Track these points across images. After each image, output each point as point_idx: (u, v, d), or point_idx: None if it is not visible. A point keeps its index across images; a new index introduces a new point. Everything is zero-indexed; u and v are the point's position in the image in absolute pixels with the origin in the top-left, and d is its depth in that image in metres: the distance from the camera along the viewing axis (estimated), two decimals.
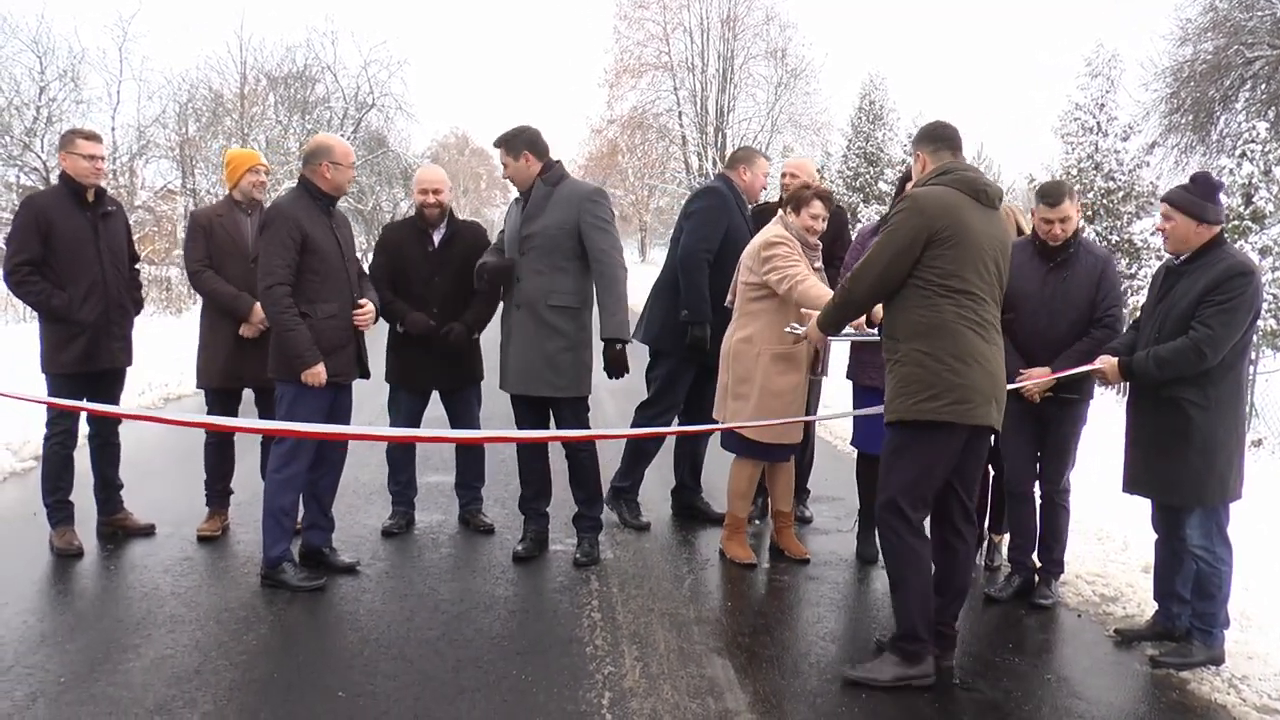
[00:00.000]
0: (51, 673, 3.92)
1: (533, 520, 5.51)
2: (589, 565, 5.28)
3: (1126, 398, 4.66)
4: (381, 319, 5.40)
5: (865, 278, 4.01)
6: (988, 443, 4.18)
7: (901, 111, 33.96)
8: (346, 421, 5.15)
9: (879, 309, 4.21)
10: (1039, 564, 5.03)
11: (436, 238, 5.65)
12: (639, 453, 6.10)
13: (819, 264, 5.36)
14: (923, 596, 4.01)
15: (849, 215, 28.59)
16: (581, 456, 5.36)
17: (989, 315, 3.96)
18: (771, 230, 5.25)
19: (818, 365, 5.48)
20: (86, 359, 5.32)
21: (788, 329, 5.09)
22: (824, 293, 4.84)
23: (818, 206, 5.28)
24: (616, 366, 5.20)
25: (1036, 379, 4.75)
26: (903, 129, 31.23)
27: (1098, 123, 23.09)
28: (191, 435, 6.24)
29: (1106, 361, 4.46)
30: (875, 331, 4.77)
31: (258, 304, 5.25)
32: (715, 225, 5.76)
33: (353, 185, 33.47)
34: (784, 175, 6.03)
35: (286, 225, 4.79)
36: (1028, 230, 5.29)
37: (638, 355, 5.65)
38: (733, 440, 5.41)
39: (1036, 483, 5.02)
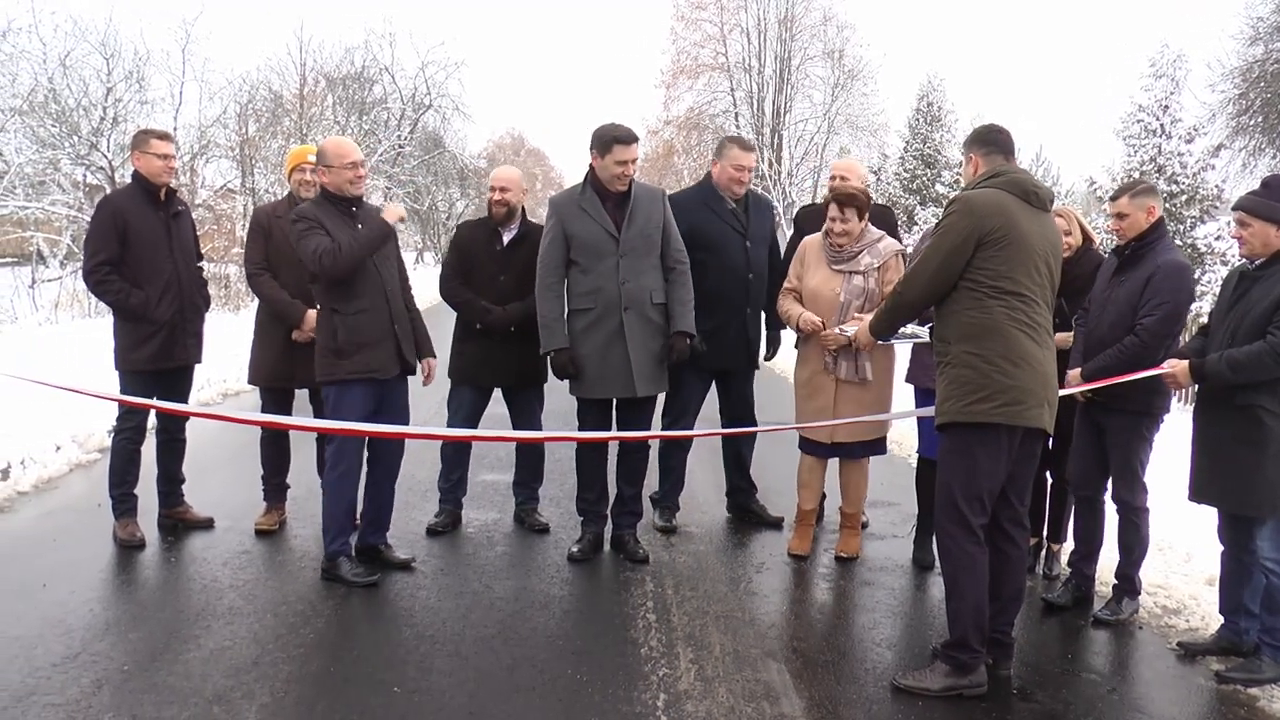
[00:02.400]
0: (115, 660, 3.99)
1: (592, 523, 5.50)
2: (643, 562, 5.30)
3: (1193, 405, 4.55)
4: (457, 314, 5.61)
5: (918, 280, 3.99)
6: (1040, 446, 4.12)
7: (960, 113, 33.36)
8: (402, 418, 5.17)
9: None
10: (1115, 580, 4.91)
11: (506, 237, 5.66)
12: (665, 468, 6.01)
13: (840, 266, 5.35)
14: (977, 605, 3.95)
15: (905, 217, 28.46)
16: (644, 453, 5.51)
17: (1040, 317, 3.91)
18: None
19: (840, 366, 5.38)
20: (162, 356, 5.41)
21: (836, 329, 5.10)
22: (788, 309, 5.45)
23: (832, 209, 5.34)
24: (683, 357, 5.30)
25: (1070, 379, 4.70)
26: (960, 131, 30.80)
27: (1161, 125, 22.65)
28: (249, 431, 6.32)
29: (1176, 364, 4.36)
30: (925, 332, 4.72)
31: (310, 312, 5.35)
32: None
33: (409, 184, 33.78)
34: (832, 177, 5.96)
35: (306, 224, 4.91)
36: (1092, 234, 5.20)
37: None
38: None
39: (1106, 493, 4.90)
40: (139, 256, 5.36)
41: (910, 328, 4.77)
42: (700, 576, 5.19)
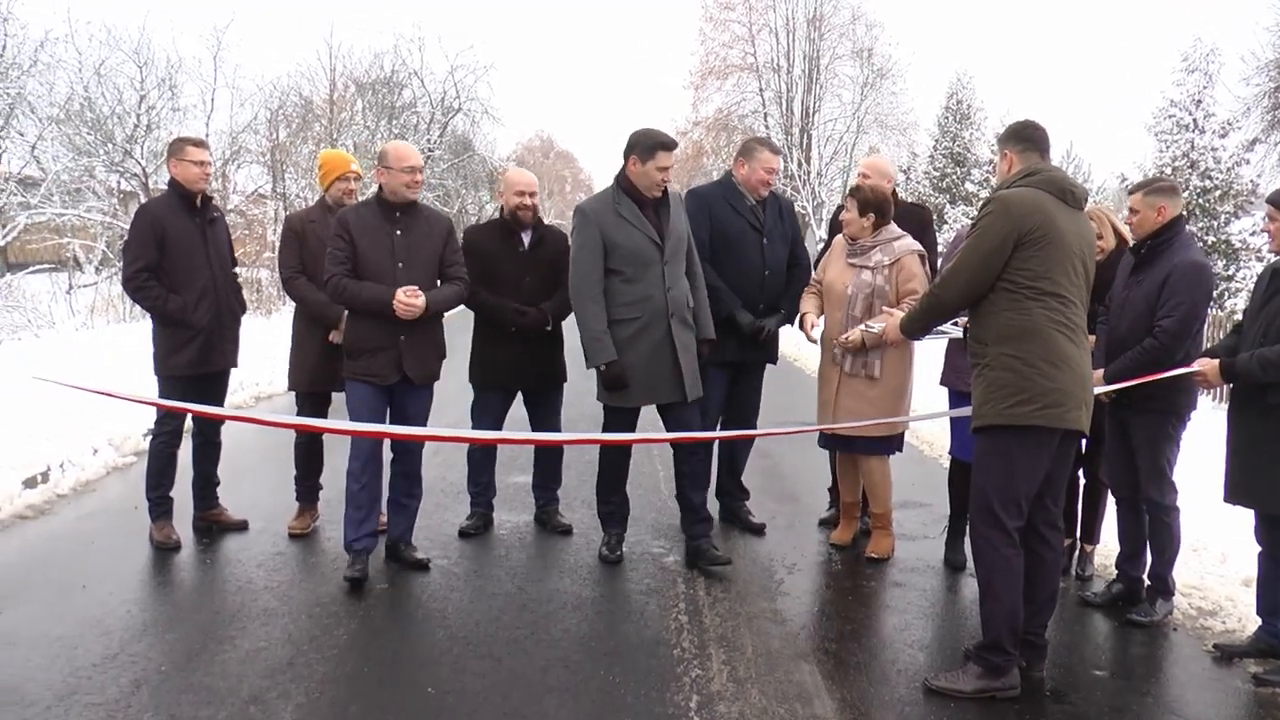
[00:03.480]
0: (153, 661, 4.04)
1: (616, 525, 5.46)
2: (726, 563, 5.25)
3: (1227, 404, 4.50)
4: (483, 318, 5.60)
5: (955, 282, 3.95)
6: (1075, 447, 4.09)
7: (989, 110, 33.29)
8: (420, 423, 5.20)
9: None
10: (1148, 580, 4.87)
11: (526, 240, 5.64)
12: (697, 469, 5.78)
13: (854, 260, 5.40)
14: (1012, 609, 3.92)
15: (935, 216, 28.30)
16: (707, 458, 5.51)
17: (1077, 318, 3.88)
18: None
19: (845, 359, 5.37)
20: (201, 361, 5.48)
21: (863, 327, 5.11)
22: (803, 308, 5.53)
23: (849, 203, 5.44)
24: (704, 362, 5.34)
25: (1094, 381, 4.66)
26: (990, 129, 30.61)
27: (1194, 119, 22.41)
28: (283, 434, 6.38)
29: (1206, 363, 4.32)
30: (958, 330, 4.70)
31: (346, 313, 5.31)
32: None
33: (439, 188, 33.89)
34: (860, 175, 5.95)
35: (336, 228, 5.00)
36: (1127, 236, 5.14)
37: None
38: None
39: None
40: (176, 263, 5.42)
41: (948, 325, 4.74)
42: (732, 578, 5.18)
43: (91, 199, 21.39)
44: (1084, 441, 5.24)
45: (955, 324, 4.73)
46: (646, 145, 5.02)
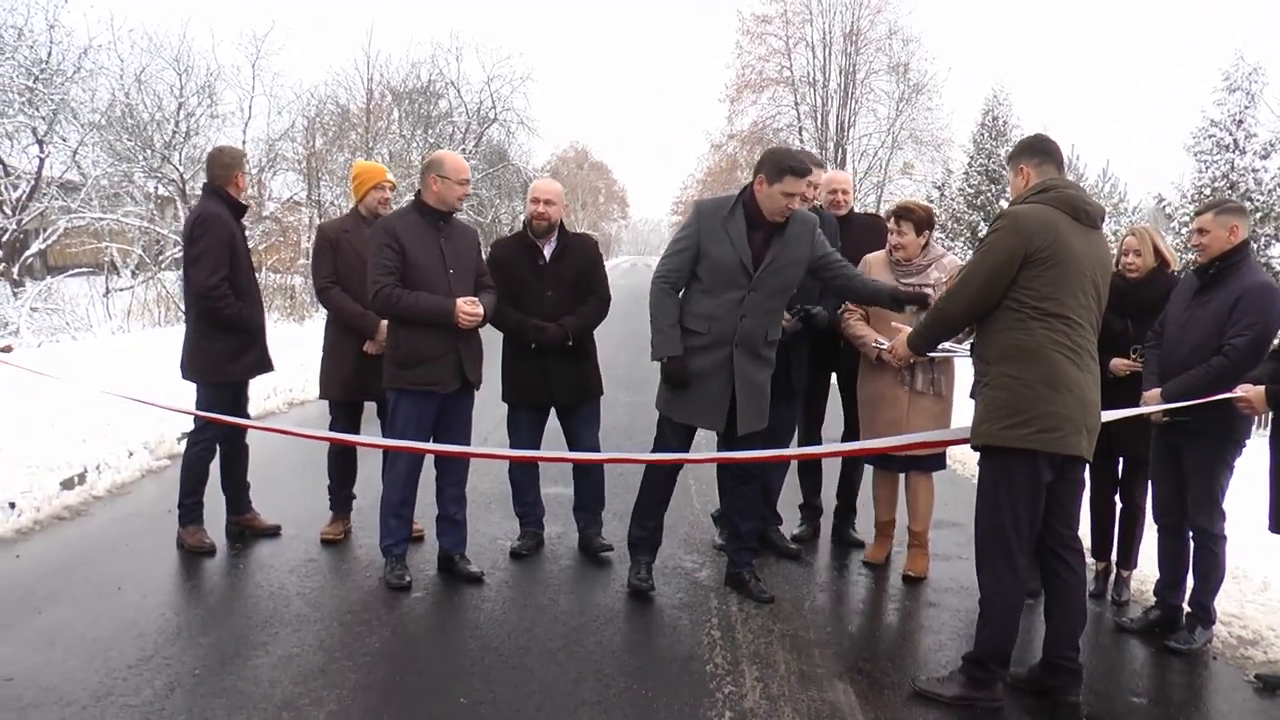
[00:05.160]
0: (187, 665, 4.06)
1: (645, 552, 5.20)
2: (769, 601, 5.04)
3: (1270, 430, 4.42)
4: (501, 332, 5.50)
5: (960, 297, 3.91)
6: (1082, 472, 4.04)
7: (1026, 127, 32.92)
8: (464, 431, 5.22)
9: None
10: (1188, 608, 4.79)
11: (547, 252, 5.50)
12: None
13: (910, 280, 5.31)
14: (1005, 629, 3.94)
15: (969, 233, 28.09)
16: (756, 486, 5.28)
17: (1084, 340, 3.82)
18: None
19: (916, 379, 5.32)
20: (257, 366, 5.64)
21: (874, 343, 5.06)
22: (856, 331, 5.37)
23: (891, 223, 5.44)
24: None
25: (1147, 400, 4.61)
26: None
27: (1234, 140, 22.14)
28: (313, 444, 6.39)
29: (1251, 390, 4.24)
30: (967, 348, 4.66)
31: (383, 323, 5.36)
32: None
33: (472, 198, 34.12)
34: (831, 191, 5.87)
35: (383, 237, 4.96)
36: (1170, 258, 5.08)
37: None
38: None
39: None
40: (239, 272, 5.52)
41: (949, 344, 4.69)
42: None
43: (129, 204, 21.65)
44: (1120, 466, 5.20)
45: (959, 342, 4.70)
46: (775, 167, 4.68)
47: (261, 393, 9.55)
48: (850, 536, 6.09)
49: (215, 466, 5.76)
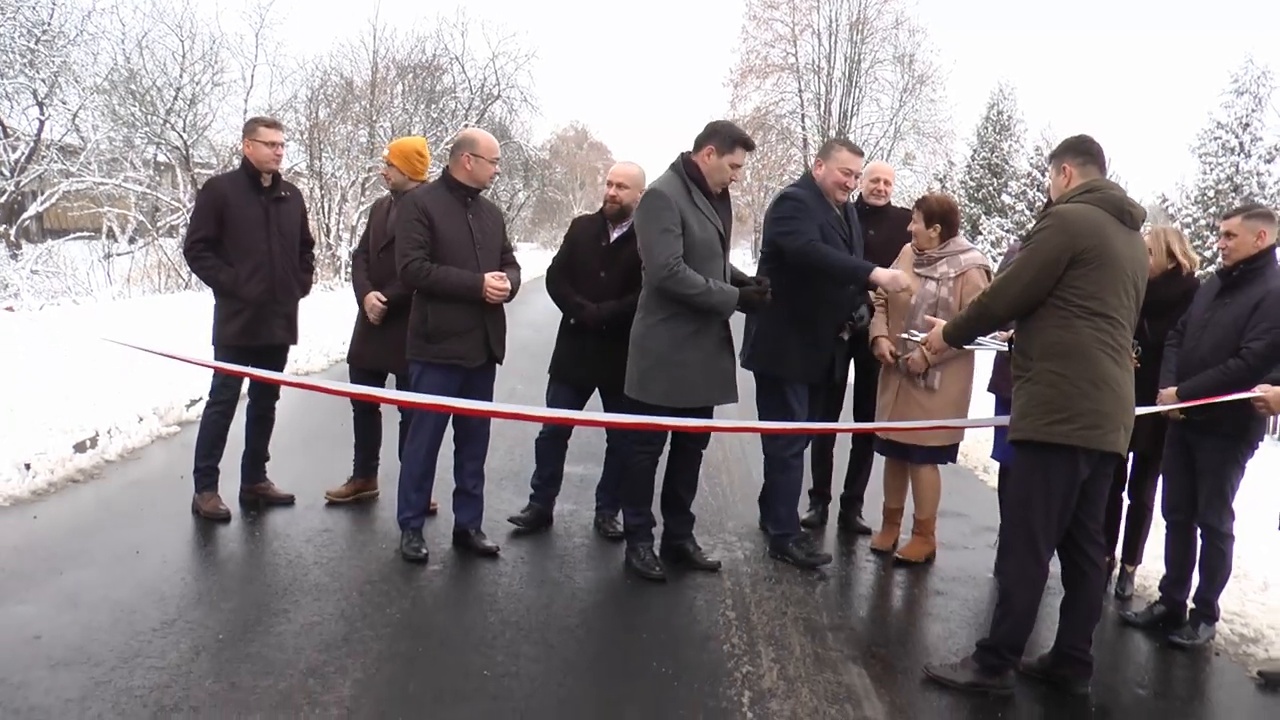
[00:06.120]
0: (210, 629, 4.09)
1: (646, 538, 5.21)
2: (715, 569, 5.22)
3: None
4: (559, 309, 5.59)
5: (1006, 294, 3.94)
6: (1113, 468, 4.10)
7: (1030, 123, 32.97)
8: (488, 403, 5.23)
9: None
10: (1192, 604, 4.86)
11: (615, 234, 5.50)
12: (787, 486, 5.56)
13: (921, 270, 5.40)
14: (1023, 620, 3.99)
15: (970, 226, 28.13)
16: (699, 460, 5.43)
17: (1124, 339, 3.87)
18: None
19: (905, 367, 5.41)
20: (247, 334, 5.53)
21: (904, 334, 5.11)
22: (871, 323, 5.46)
23: (915, 214, 5.51)
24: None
25: (1163, 399, 4.67)
26: (1030, 141, 30.45)
27: (1240, 143, 22.23)
28: (331, 413, 6.43)
29: (1270, 390, 4.30)
30: (1003, 344, 4.69)
31: (370, 295, 5.63)
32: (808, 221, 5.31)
33: None
34: (873, 180, 5.94)
35: (413, 212, 4.99)
36: (1187, 261, 5.11)
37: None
38: None
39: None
40: (234, 237, 5.51)
41: (986, 338, 4.72)
42: (777, 577, 5.20)
43: (129, 169, 21.57)
44: (1130, 462, 5.25)
45: (995, 338, 4.73)
46: (727, 138, 4.87)
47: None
48: (857, 524, 6.16)
49: (238, 435, 5.79)
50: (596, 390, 5.65)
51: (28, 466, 5.89)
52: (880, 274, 5.10)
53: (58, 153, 20.74)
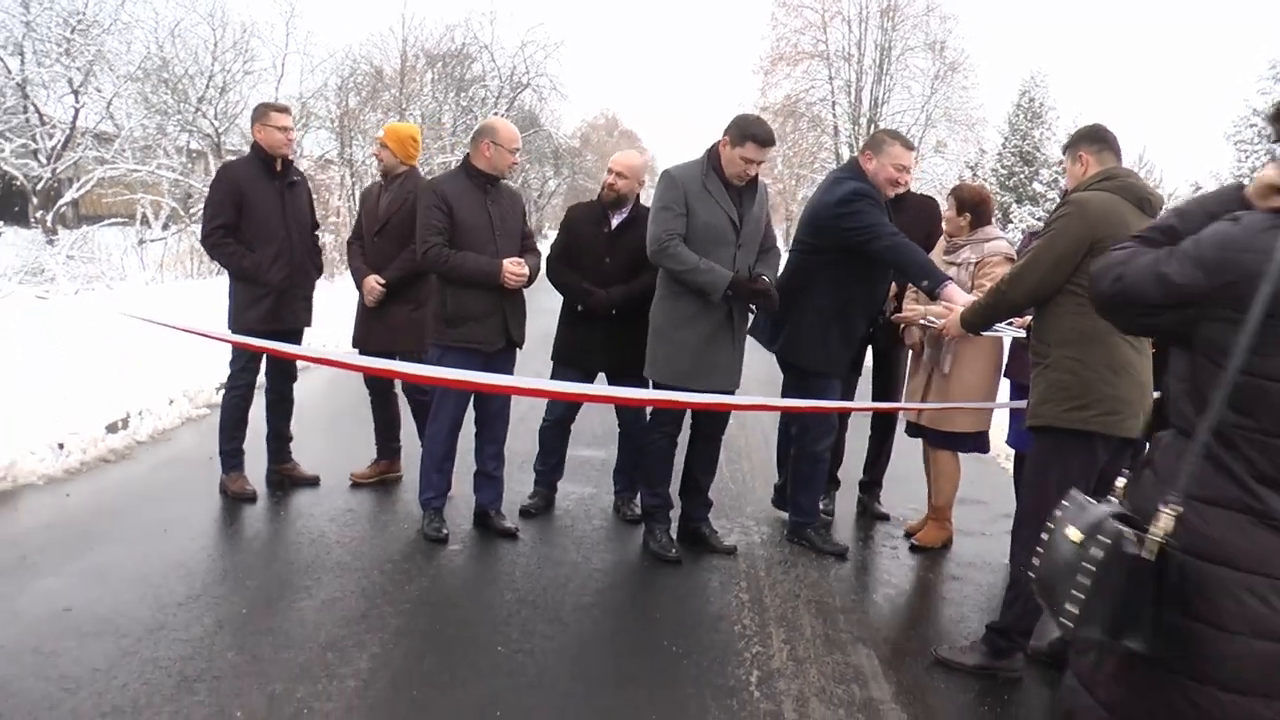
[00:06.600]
0: (234, 604, 4.21)
1: (664, 520, 5.29)
2: (731, 553, 5.29)
3: None
4: (559, 293, 5.62)
5: (1024, 281, 3.95)
6: (1129, 452, 4.10)
7: (1062, 110, 32.66)
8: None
9: None
10: None
11: (615, 220, 5.56)
12: (811, 477, 5.57)
13: (948, 257, 5.42)
14: (1035, 605, 3.96)
15: (1001, 214, 27.93)
16: (719, 443, 5.47)
17: None
18: None
19: (924, 350, 5.44)
20: (270, 318, 5.61)
21: (923, 320, 5.12)
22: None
23: (948, 200, 5.56)
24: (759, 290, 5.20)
25: None
26: (1062, 128, 30.17)
27: (1278, 130, 21.90)
28: (353, 395, 6.54)
29: None
30: (1020, 330, 4.70)
31: (368, 279, 5.73)
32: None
33: None
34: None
35: (432, 198, 5.06)
36: None
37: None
38: None
39: None
40: (253, 223, 5.58)
41: (1003, 325, 4.73)
42: (791, 561, 5.25)
43: (162, 157, 21.83)
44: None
45: (1011, 324, 4.74)
46: (738, 132, 4.87)
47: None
48: (876, 509, 6.19)
49: (259, 417, 5.91)
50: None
51: (61, 446, 6.04)
52: (954, 293, 4.77)
53: (93, 140, 21.05)
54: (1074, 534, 2.08)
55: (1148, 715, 2.08)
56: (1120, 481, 2.35)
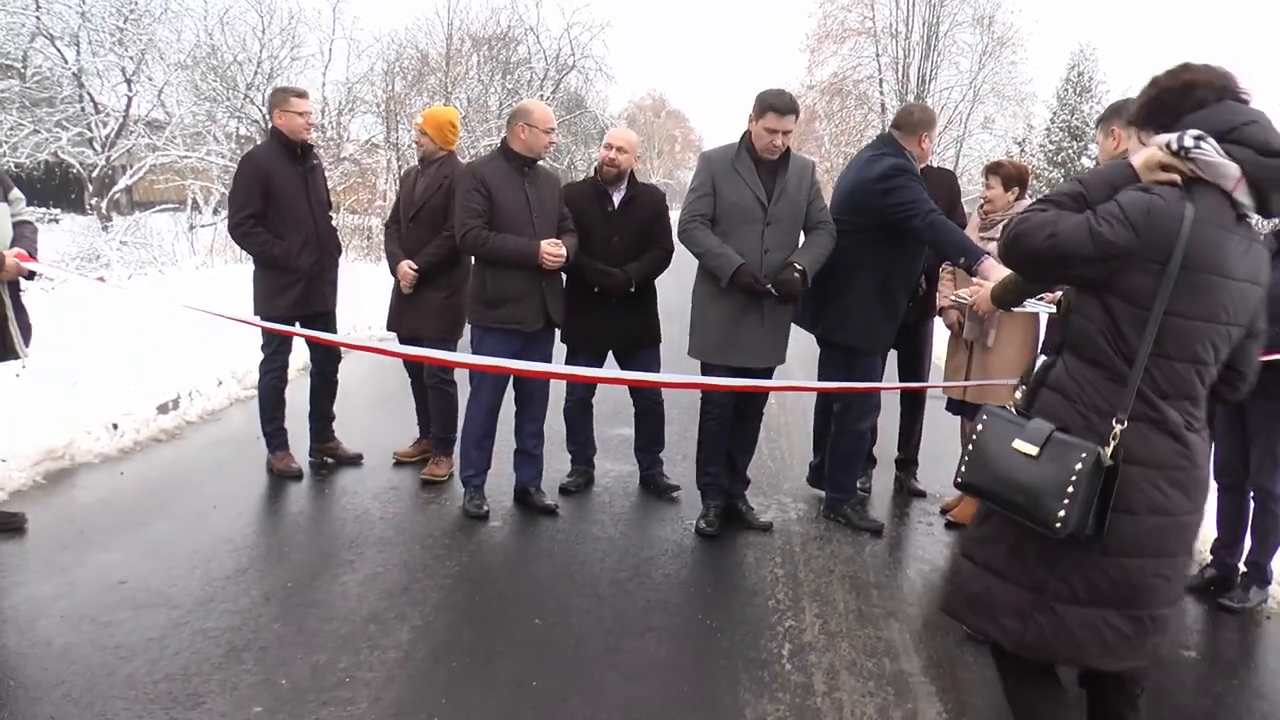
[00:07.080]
0: (280, 578, 4.34)
1: (715, 496, 5.37)
2: (767, 529, 5.35)
3: None
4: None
5: None
6: None
7: (1111, 84, 31.95)
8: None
9: None
10: (1243, 567, 4.84)
11: (616, 199, 5.59)
12: (852, 455, 5.61)
13: (984, 233, 5.39)
14: None
15: (1050, 189, 27.48)
16: (758, 422, 5.51)
17: None
18: None
19: (965, 326, 5.40)
20: (301, 304, 5.70)
21: (952, 296, 5.10)
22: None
23: (992, 180, 5.53)
24: (790, 289, 5.11)
25: None
26: (1111, 103, 29.54)
27: None
28: (396, 378, 6.64)
29: None
30: (1052, 306, 4.67)
31: (402, 264, 5.71)
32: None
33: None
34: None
35: (471, 181, 5.12)
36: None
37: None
38: None
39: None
40: (281, 210, 5.63)
41: (1032, 301, 4.70)
42: (827, 537, 5.29)
43: (211, 143, 22.14)
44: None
45: (1042, 299, 4.70)
46: (758, 105, 4.91)
47: (341, 331, 9.76)
48: (912, 486, 6.20)
49: (300, 397, 6.03)
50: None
51: (115, 426, 6.23)
52: (990, 268, 4.77)
53: (145, 128, 21.38)
54: (1027, 448, 2.52)
55: (1068, 586, 2.57)
56: (1010, 401, 2.83)
